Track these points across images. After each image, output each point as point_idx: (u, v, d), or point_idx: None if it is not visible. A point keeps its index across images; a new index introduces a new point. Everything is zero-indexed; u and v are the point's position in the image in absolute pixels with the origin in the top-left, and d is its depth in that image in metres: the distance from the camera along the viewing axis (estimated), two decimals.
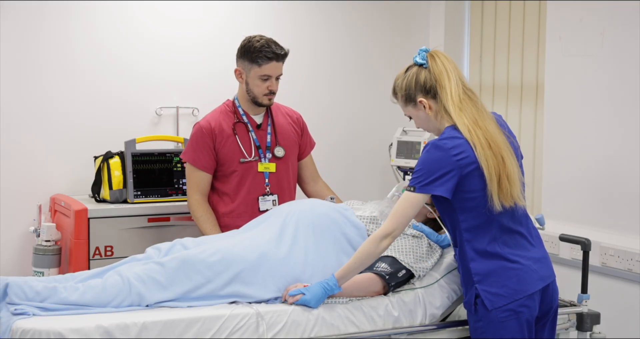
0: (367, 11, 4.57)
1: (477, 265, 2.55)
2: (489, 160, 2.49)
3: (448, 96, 2.55)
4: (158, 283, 2.56)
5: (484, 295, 2.53)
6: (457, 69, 2.60)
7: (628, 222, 3.41)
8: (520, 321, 2.54)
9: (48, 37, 3.80)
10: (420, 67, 2.60)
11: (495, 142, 2.52)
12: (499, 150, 2.51)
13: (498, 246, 2.55)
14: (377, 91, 4.63)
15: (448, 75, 2.55)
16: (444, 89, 2.55)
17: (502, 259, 2.54)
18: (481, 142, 2.50)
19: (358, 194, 4.13)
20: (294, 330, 2.54)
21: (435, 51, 2.61)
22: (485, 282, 2.54)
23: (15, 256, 3.76)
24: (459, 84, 2.56)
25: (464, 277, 2.61)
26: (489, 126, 2.55)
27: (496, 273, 2.54)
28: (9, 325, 2.33)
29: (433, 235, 2.93)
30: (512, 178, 2.52)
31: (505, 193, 2.50)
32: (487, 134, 2.52)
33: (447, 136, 2.54)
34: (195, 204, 3.27)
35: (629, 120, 3.40)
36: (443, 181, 2.49)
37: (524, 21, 4.21)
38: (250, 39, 3.24)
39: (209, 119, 3.30)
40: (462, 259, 2.60)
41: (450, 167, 2.49)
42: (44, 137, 3.82)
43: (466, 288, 2.61)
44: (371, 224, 2.94)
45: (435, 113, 2.60)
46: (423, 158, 2.54)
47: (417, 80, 2.59)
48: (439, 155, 2.50)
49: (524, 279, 2.54)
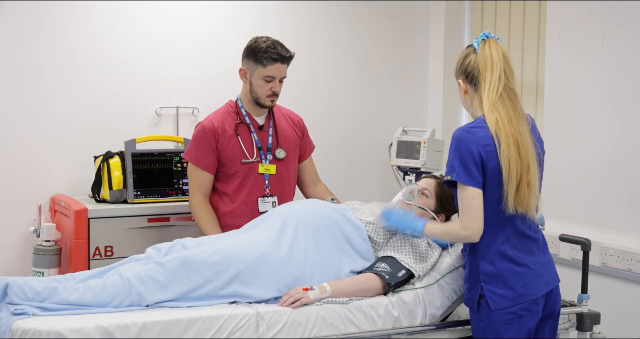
0: (367, 11, 4.57)
1: (487, 264, 2.54)
2: (512, 161, 2.45)
3: (486, 88, 2.50)
4: (158, 283, 2.56)
5: (489, 295, 2.53)
6: (507, 65, 2.53)
7: (628, 223, 3.41)
8: (521, 325, 2.54)
9: (48, 37, 3.79)
10: (473, 50, 2.57)
11: (525, 146, 2.48)
12: (526, 155, 2.48)
13: (509, 248, 2.54)
14: (377, 91, 4.64)
15: (492, 68, 2.51)
16: (485, 81, 2.51)
17: (511, 262, 2.54)
18: (508, 142, 2.46)
19: (358, 194, 4.13)
20: (294, 330, 2.54)
21: (492, 40, 2.56)
22: (492, 282, 2.53)
23: (15, 256, 3.76)
24: (501, 79, 2.50)
25: (470, 273, 2.60)
26: (523, 130, 2.50)
27: (504, 275, 2.53)
28: (9, 325, 2.33)
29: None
30: (533, 187, 2.49)
31: (521, 199, 2.48)
32: (518, 136, 2.48)
33: (477, 124, 2.51)
34: (196, 204, 3.27)
35: (629, 120, 3.40)
36: (475, 170, 2.46)
37: (524, 21, 4.21)
38: (257, 39, 3.24)
39: (212, 119, 3.30)
40: (471, 256, 2.59)
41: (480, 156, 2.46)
42: (44, 137, 3.82)
43: (470, 285, 2.60)
44: (371, 224, 2.94)
45: (470, 99, 2.58)
46: (454, 147, 2.50)
47: (463, 62, 2.58)
48: (468, 138, 2.47)
49: (530, 284, 2.54)
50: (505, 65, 2.53)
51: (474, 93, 2.56)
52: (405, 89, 4.71)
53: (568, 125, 3.71)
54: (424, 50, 4.73)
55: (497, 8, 4.41)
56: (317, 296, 2.62)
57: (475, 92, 2.56)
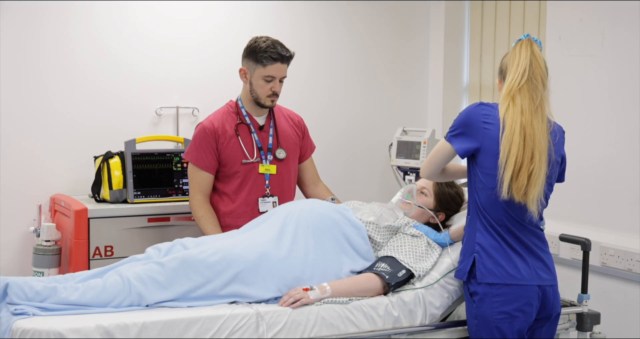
0: (367, 11, 4.57)
1: (482, 237, 2.60)
2: (514, 147, 2.50)
3: (508, 81, 2.59)
4: (158, 283, 2.56)
5: (479, 267, 2.58)
6: (536, 64, 2.59)
7: (628, 222, 3.42)
8: (512, 326, 2.57)
9: (48, 37, 3.79)
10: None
11: (533, 137, 2.52)
12: (532, 145, 2.52)
13: (505, 232, 2.59)
14: (377, 91, 4.64)
15: (517, 63, 2.59)
16: (509, 76, 2.60)
17: (506, 244, 2.58)
18: (514, 127, 2.51)
19: (358, 194, 4.13)
20: (294, 330, 2.54)
21: (526, 40, 2.62)
22: (483, 255, 2.59)
23: (15, 256, 3.76)
24: (524, 76, 2.57)
25: (466, 246, 2.67)
26: (535, 122, 2.55)
27: (496, 252, 2.58)
28: (9, 325, 2.33)
29: (432, 233, 2.94)
30: (534, 179, 2.52)
31: (519, 187, 2.51)
32: (527, 125, 2.53)
33: (488, 104, 2.63)
34: (196, 204, 3.27)
35: (629, 120, 3.40)
36: (463, 138, 2.60)
37: (524, 21, 4.21)
38: (257, 39, 3.25)
39: (212, 120, 3.30)
40: (469, 228, 2.66)
41: (474, 129, 2.58)
42: (44, 137, 3.81)
43: (463, 257, 2.67)
44: (371, 225, 2.93)
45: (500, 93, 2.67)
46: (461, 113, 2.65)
47: (501, 61, 2.71)
48: (471, 110, 2.62)
49: (520, 268, 2.58)
50: (535, 64, 2.59)
51: (502, 87, 2.66)
52: (405, 89, 4.71)
53: (568, 125, 3.68)
54: (424, 50, 4.73)
55: (497, 8, 4.41)
56: (317, 296, 2.62)
57: (503, 86, 2.66)
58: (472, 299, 2.62)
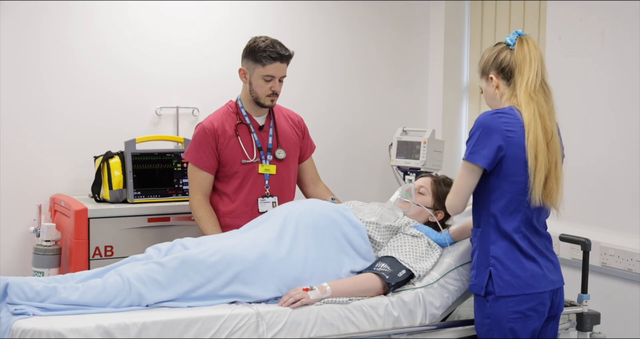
0: (367, 11, 4.57)
1: (498, 249, 2.57)
2: (541, 154, 2.51)
3: (524, 83, 2.57)
4: (158, 283, 2.56)
5: (496, 281, 2.55)
6: (542, 62, 2.61)
7: (628, 222, 3.42)
8: (526, 325, 2.55)
9: (48, 37, 3.79)
10: (506, 47, 2.65)
11: (554, 143, 2.56)
12: (555, 152, 2.55)
13: (520, 239, 2.58)
14: (377, 91, 4.64)
15: (530, 64, 2.58)
16: (522, 76, 2.58)
17: (520, 252, 2.57)
18: (537, 134, 2.52)
19: (358, 194, 4.13)
20: (294, 330, 2.54)
21: (528, 38, 2.64)
22: (500, 267, 2.56)
23: (15, 256, 3.76)
24: (538, 75, 2.58)
25: (479, 259, 2.62)
26: (553, 127, 2.58)
27: (512, 262, 2.56)
28: (9, 325, 2.33)
29: (432, 233, 2.94)
30: (561, 182, 2.57)
31: (548, 192, 2.54)
32: (550, 131, 2.55)
33: (503, 111, 2.57)
34: (196, 204, 3.27)
35: (629, 120, 3.40)
36: (486, 152, 2.53)
37: (524, 21, 4.21)
38: (256, 39, 3.25)
39: (212, 120, 3.30)
40: (482, 241, 2.62)
41: (498, 140, 2.52)
42: (44, 137, 3.81)
43: (478, 270, 2.62)
44: (371, 225, 2.94)
45: (501, 94, 2.64)
46: (474, 126, 2.57)
47: (496, 58, 2.65)
48: (489, 122, 2.54)
49: (536, 275, 2.58)
50: (541, 62, 2.61)
51: (505, 87, 2.63)
52: (405, 89, 4.71)
53: (568, 125, 3.69)
54: (424, 50, 4.73)
55: (497, 8, 4.41)
56: (317, 296, 2.62)
57: (507, 87, 2.63)
58: (486, 298, 2.59)
